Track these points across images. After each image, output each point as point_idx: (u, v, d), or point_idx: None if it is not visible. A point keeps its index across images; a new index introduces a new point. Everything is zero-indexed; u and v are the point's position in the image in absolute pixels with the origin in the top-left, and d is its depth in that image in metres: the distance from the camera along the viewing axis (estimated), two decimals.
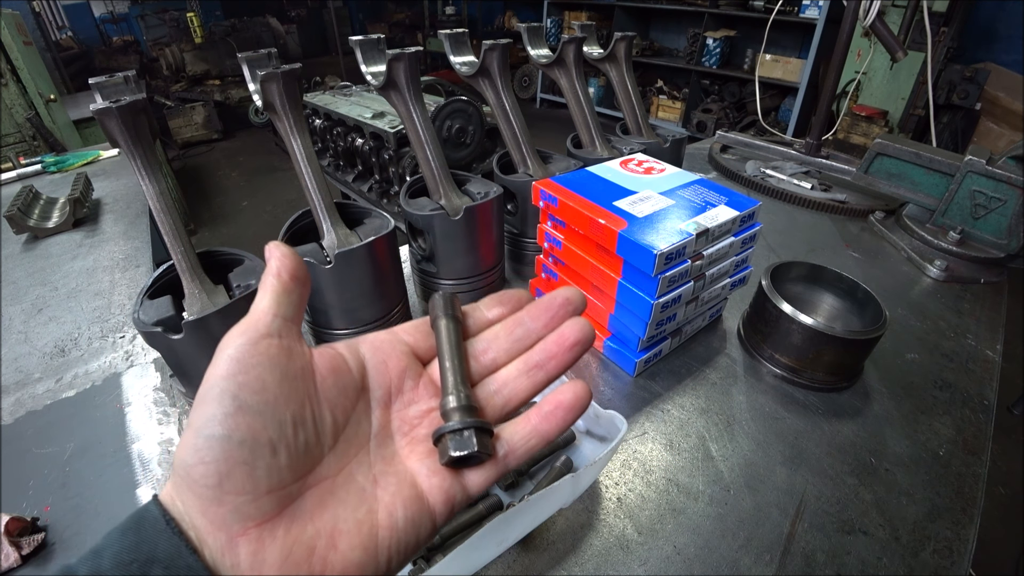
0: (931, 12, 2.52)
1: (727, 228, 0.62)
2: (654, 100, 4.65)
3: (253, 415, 0.21)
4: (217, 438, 0.20)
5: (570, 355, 0.27)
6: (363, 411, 0.25)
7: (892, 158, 1.03)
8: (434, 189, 0.71)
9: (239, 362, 0.21)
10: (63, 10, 5.74)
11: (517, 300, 0.29)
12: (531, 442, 0.25)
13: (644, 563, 0.48)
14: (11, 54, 2.06)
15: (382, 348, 0.27)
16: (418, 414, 0.26)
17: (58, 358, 0.72)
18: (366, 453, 0.24)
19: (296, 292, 0.25)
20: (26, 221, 1.06)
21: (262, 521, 0.20)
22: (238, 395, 0.21)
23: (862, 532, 0.50)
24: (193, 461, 0.20)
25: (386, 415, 0.26)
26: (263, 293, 0.24)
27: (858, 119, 2.98)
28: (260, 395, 0.21)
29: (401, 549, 0.23)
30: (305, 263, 0.26)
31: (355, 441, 0.24)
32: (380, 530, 0.22)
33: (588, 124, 0.91)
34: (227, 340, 0.22)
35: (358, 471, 0.24)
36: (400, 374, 0.27)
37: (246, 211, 3.51)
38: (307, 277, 0.26)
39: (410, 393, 0.27)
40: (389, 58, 0.63)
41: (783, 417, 0.63)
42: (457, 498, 0.24)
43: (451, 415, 0.24)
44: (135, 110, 0.48)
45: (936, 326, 0.80)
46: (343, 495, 0.23)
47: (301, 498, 0.22)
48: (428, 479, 0.24)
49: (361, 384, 0.26)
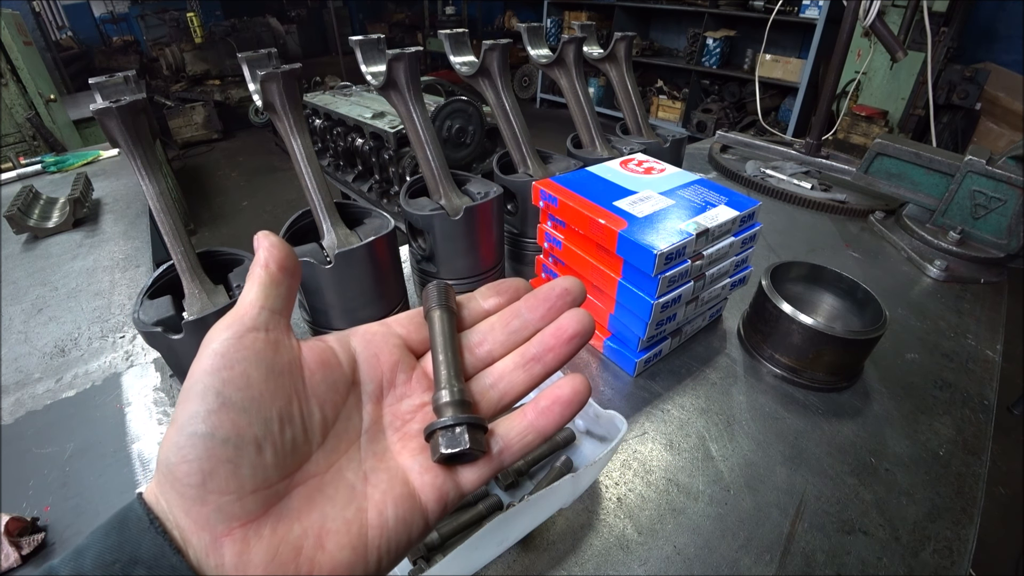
0: (931, 12, 2.53)
1: (727, 228, 0.62)
2: (654, 100, 4.65)
3: (238, 412, 0.20)
4: (200, 436, 0.19)
5: (568, 348, 0.26)
6: (354, 406, 0.25)
7: (892, 158, 1.03)
8: (434, 189, 0.71)
9: (224, 357, 0.21)
10: (63, 10, 5.74)
11: (515, 290, 0.29)
12: (527, 438, 0.25)
13: (644, 563, 0.48)
14: (11, 54, 2.06)
15: (373, 341, 0.26)
16: (411, 409, 0.25)
17: (58, 358, 0.72)
18: (356, 449, 0.24)
19: (285, 284, 0.24)
20: (26, 221, 1.06)
21: (247, 521, 0.20)
22: (222, 391, 0.20)
23: (862, 532, 0.50)
24: (176, 459, 0.19)
25: (378, 410, 0.25)
26: (250, 284, 0.24)
27: (858, 119, 2.98)
28: (245, 391, 0.21)
29: (392, 549, 0.22)
30: (295, 253, 0.25)
31: (345, 437, 0.24)
32: (370, 529, 0.22)
33: (588, 124, 0.91)
34: (212, 334, 0.22)
35: (348, 468, 0.23)
36: (392, 367, 0.26)
37: (246, 211, 3.51)
38: (297, 268, 0.25)
39: (402, 387, 0.26)
40: (389, 58, 0.63)
41: (783, 417, 0.63)
42: (450, 496, 0.24)
43: (443, 410, 0.23)
44: (135, 110, 0.48)
45: (936, 326, 0.80)
46: (332, 493, 0.22)
47: (288, 496, 0.21)
48: (420, 476, 0.23)
49: (351, 378, 0.25)
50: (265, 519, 0.20)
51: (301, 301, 0.67)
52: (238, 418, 0.20)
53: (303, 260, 0.57)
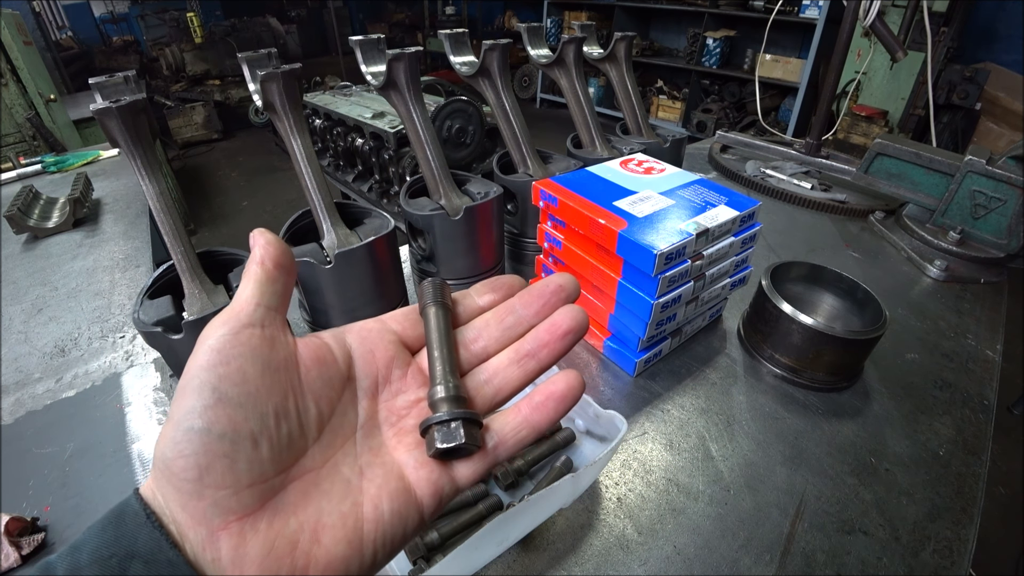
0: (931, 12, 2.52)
1: (727, 228, 0.62)
2: (654, 100, 4.65)
3: (234, 407, 0.20)
4: (196, 431, 0.20)
5: (562, 344, 0.26)
6: (349, 401, 0.25)
7: (892, 158, 1.03)
8: (434, 189, 0.71)
9: (220, 353, 0.21)
10: (63, 10, 5.74)
11: (509, 287, 0.29)
12: (522, 433, 0.25)
13: (644, 563, 0.48)
14: (11, 54, 2.06)
15: (369, 337, 0.26)
16: (406, 404, 0.25)
17: (58, 358, 0.72)
18: (352, 444, 0.24)
19: (281, 281, 0.24)
20: (26, 221, 1.06)
21: (243, 515, 0.20)
22: (218, 387, 0.20)
23: (862, 532, 0.50)
24: (172, 455, 0.19)
25: (373, 405, 0.25)
26: (246, 281, 0.24)
27: (858, 119, 2.98)
28: (241, 387, 0.21)
29: (387, 543, 0.22)
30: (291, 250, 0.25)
31: (341, 432, 0.24)
32: (365, 523, 0.22)
33: (588, 124, 0.91)
34: (208, 330, 0.22)
35: (343, 463, 0.23)
36: (388, 363, 0.26)
37: (246, 211, 3.51)
38: (292, 265, 0.25)
39: (398, 383, 0.26)
40: (389, 58, 0.63)
41: (783, 417, 0.63)
42: (445, 490, 0.24)
43: (439, 406, 0.24)
44: (135, 110, 0.48)
45: (936, 326, 0.80)
46: (327, 487, 0.22)
47: (284, 491, 0.21)
48: (415, 471, 0.23)
49: (347, 374, 0.25)
50: (261, 513, 0.20)
51: (301, 301, 0.67)
52: (234, 413, 0.20)
53: (303, 260, 0.57)
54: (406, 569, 0.45)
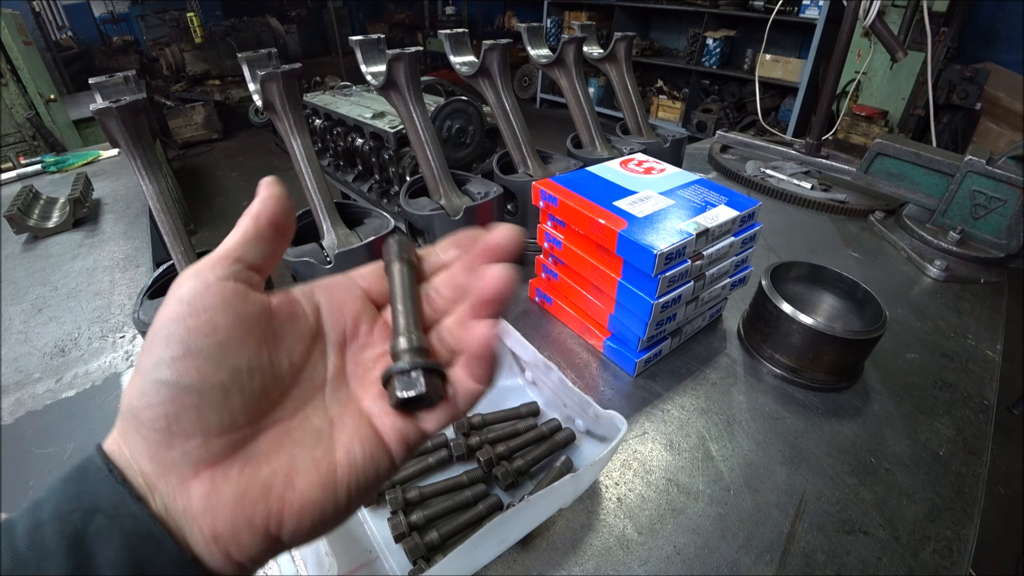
0: (931, 12, 2.52)
1: (727, 228, 0.62)
2: (654, 100, 4.65)
3: (203, 359, 0.20)
4: (164, 382, 0.19)
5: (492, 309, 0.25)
6: (319, 355, 0.25)
7: (892, 158, 1.03)
8: (434, 189, 0.71)
9: (189, 304, 0.21)
10: (63, 10, 5.74)
11: (473, 242, 0.28)
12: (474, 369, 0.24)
13: (644, 563, 0.48)
14: (11, 54, 2.06)
15: (337, 292, 0.26)
16: (373, 358, 0.26)
17: (58, 358, 0.72)
18: (322, 397, 0.24)
19: (271, 240, 0.24)
20: (26, 221, 1.06)
21: (214, 463, 0.20)
22: (186, 339, 0.20)
23: (862, 532, 0.50)
24: (140, 405, 0.19)
25: (341, 359, 0.25)
26: (234, 232, 0.23)
27: (858, 119, 2.98)
28: (211, 337, 0.20)
29: (360, 485, 0.22)
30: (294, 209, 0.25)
31: (310, 385, 0.24)
32: (338, 467, 0.22)
33: (588, 124, 0.91)
34: (179, 279, 0.22)
35: (314, 414, 0.23)
36: (355, 318, 0.26)
37: None
38: (289, 226, 0.25)
39: (365, 337, 0.26)
40: (389, 58, 0.63)
41: (783, 417, 0.63)
42: (412, 437, 0.24)
43: (400, 356, 0.24)
44: (135, 110, 0.48)
45: (936, 326, 0.80)
46: (299, 436, 0.22)
47: (256, 440, 0.21)
48: (382, 419, 0.24)
49: (316, 328, 0.25)
50: (232, 461, 0.20)
51: None
52: (203, 365, 0.20)
53: (303, 260, 0.57)
54: (406, 569, 0.45)
